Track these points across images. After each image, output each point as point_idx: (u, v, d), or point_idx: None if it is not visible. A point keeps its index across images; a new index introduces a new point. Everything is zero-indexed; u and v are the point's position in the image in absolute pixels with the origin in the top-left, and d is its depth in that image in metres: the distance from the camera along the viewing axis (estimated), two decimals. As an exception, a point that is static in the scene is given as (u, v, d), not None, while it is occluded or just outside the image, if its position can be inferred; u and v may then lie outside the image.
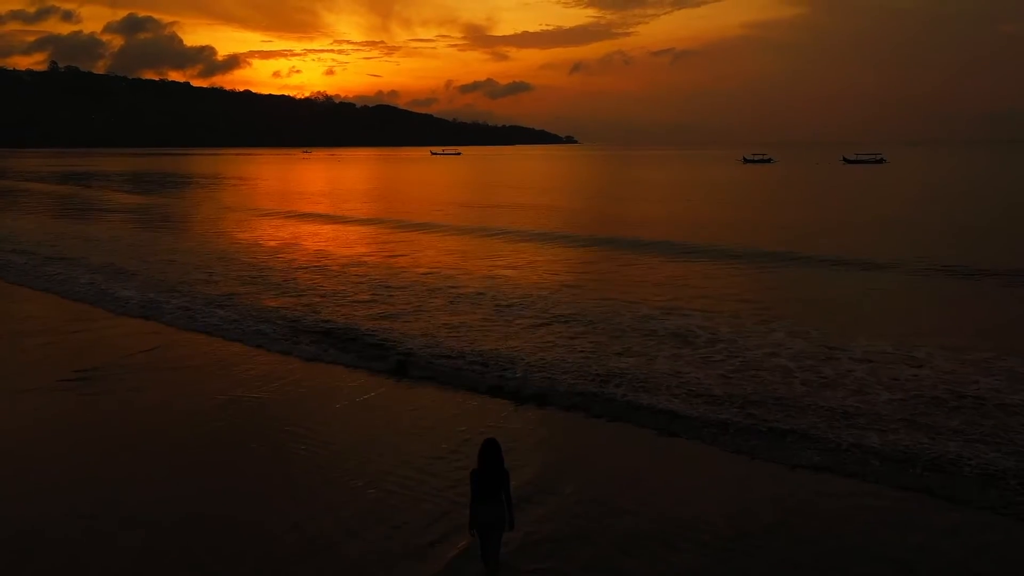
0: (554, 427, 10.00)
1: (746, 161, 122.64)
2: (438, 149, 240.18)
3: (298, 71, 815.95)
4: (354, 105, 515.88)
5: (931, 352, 12.92)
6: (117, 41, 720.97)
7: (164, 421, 10.31)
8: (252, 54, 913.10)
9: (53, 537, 7.22)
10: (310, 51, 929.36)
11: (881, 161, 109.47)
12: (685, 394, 10.98)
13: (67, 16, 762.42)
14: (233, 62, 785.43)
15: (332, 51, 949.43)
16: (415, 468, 8.66)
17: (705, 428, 9.71)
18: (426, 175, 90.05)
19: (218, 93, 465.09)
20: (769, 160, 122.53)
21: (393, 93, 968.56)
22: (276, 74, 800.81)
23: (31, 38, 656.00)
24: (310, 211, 38.08)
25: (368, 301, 17.51)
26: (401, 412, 10.64)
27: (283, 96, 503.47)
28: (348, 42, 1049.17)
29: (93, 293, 18.73)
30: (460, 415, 10.45)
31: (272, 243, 28.11)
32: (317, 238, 29.55)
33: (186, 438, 9.69)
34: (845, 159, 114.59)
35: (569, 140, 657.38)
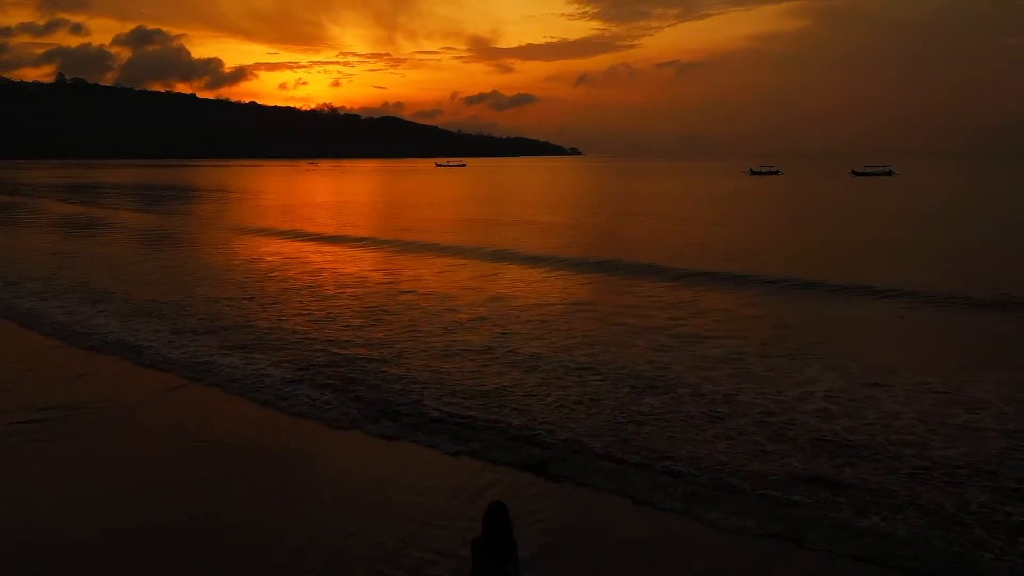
0: (563, 496, 8.56)
1: (753, 173, 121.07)
2: (443, 161, 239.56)
3: (304, 83, 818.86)
4: (359, 117, 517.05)
5: (986, 389, 11.51)
6: (125, 53, 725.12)
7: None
8: (258, 66, 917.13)
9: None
10: (316, 63, 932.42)
11: (890, 173, 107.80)
12: (716, 466, 9.57)
13: (76, 29, 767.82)
14: (240, 74, 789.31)
15: (338, 63, 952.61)
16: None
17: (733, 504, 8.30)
18: (430, 188, 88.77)
19: (224, 105, 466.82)
20: (776, 172, 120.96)
21: (399, 105, 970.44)
22: (283, 86, 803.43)
23: (40, 50, 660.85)
24: (315, 231, 35.49)
25: (381, 344, 14.40)
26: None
27: (288, 108, 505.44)
28: (353, 54, 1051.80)
29: (61, 323, 16.42)
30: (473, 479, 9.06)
31: (272, 264, 26.15)
32: (321, 259, 27.17)
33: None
34: (854, 172, 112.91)
35: (573, 152, 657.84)
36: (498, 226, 39.04)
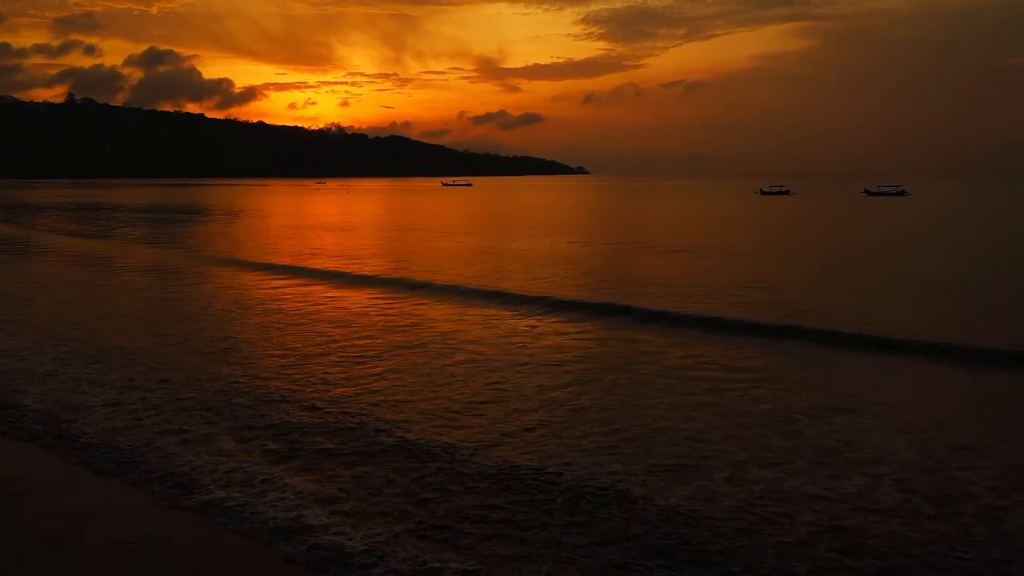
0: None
1: (763, 193, 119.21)
2: (449, 180, 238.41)
3: (313, 103, 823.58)
4: (366, 136, 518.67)
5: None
6: (137, 74, 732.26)
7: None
8: (267, 86, 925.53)
9: None
10: (324, 83, 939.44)
11: (902, 193, 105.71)
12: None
13: (89, 50, 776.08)
14: (250, 94, 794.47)
15: (346, 83, 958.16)
16: None
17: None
18: (435, 209, 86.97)
19: (232, 124, 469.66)
20: (787, 192, 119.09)
21: (407, 124, 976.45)
22: (292, 106, 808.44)
23: (53, 71, 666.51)
24: (315, 265, 30.12)
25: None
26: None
27: (296, 127, 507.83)
28: (361, 74, 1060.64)
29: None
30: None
31: (264, 316, 22.07)
32: (319, 302, 23.07)
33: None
34: (867, 191, 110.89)
35: (580, 171, 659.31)
36: (504, 258, 32.75)
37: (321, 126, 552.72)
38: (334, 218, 66.68)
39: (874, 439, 10.42)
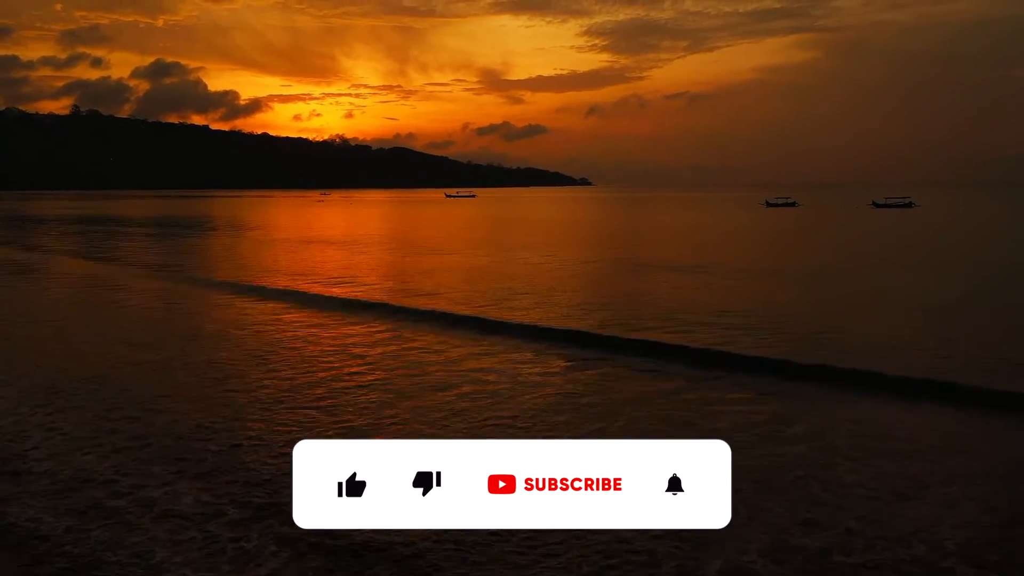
0: None
1: (768, 205, 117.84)
2: (452, 191, 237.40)
3: (318, 114, 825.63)
4: (369, 147, 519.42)
5: None
6: (143, 86, 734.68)
7: None
8: (272, 98, 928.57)
9: None
10: (328, 95, 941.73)
11: (910, 205, 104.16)
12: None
13: (97, 62, 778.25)
14: (255, 106, 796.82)
15: (350, 95, 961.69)
16: None
17: None
18: (438, 222, 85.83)
19: (237, 136, 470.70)
20: (793, 204, 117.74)
21: (411, 136, 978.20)
22: (297, 117, 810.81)
23: (60, 83, 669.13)
24: (308, 289, 26.52)
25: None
26: None
27: (300, 139, 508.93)
28: (365, 86, 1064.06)
29: None
30: None
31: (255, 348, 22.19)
32: (312, 338, 21.52)
33: None
34: (875, 203, 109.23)
35: (584, 182, 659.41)
36: (507, 279, 29.16)
37: (325, 137, 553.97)
38: (335, 231, 65.47)
39: (933, 490, 9.13)
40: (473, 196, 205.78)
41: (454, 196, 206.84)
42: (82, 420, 12.00)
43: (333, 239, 54.98)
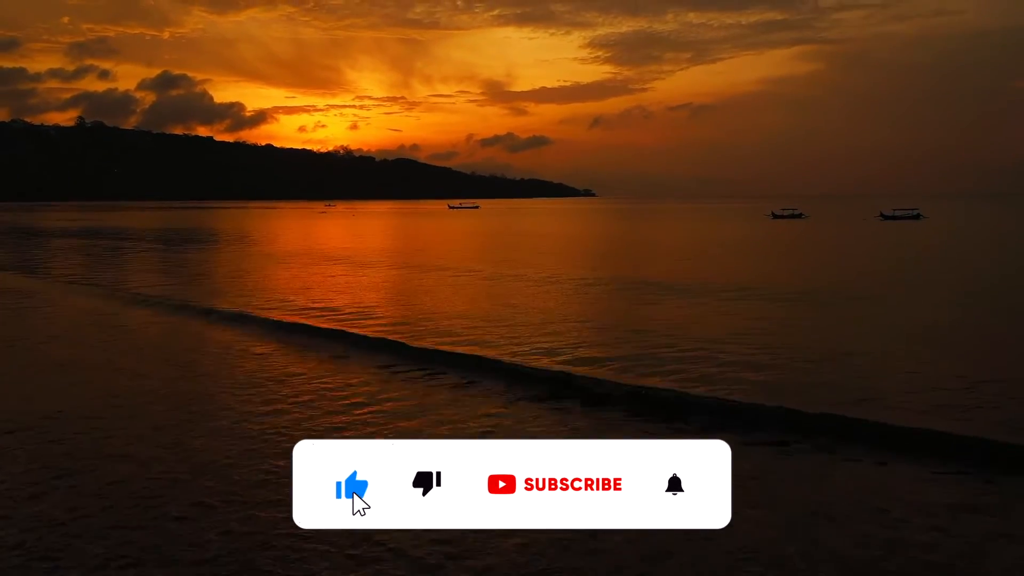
0: None
1: (775, 216, 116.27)
2: (455, 203, 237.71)
3: (323, 126, 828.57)
4: (373, 159, 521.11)
5: None
6: (150, 98, 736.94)
7: None
8: (277, 109, 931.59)
9: None
10: (332, 106, 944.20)
11: (918, 217, 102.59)
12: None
13: (104, 75, 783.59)
14: (260, 117, 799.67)
15: (354, 106, 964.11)
16: None
17: None
18: (441, 235, 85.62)
19: (241, 147, 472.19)
20: (800, 215, 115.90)
21: (415, 147, 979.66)
22: (302, 128, 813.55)
23: (67, 95, 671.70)
24: (298, 320, 19.98)
25: None
26: None
27: (304, 150, 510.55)
28: (369, 98, 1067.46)
29: None
30: None
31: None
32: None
33: None
34: (883, 215, 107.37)
35: (587, 193, 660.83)
36: (520, 314, 21.77)
37: (330, 148, 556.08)
38: (336, 245, 65.29)
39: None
40: (476, 207, 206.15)
41: (457, 207, 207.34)
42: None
43: (343, 255, 54.96)
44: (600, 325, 20.33)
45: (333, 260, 43.84)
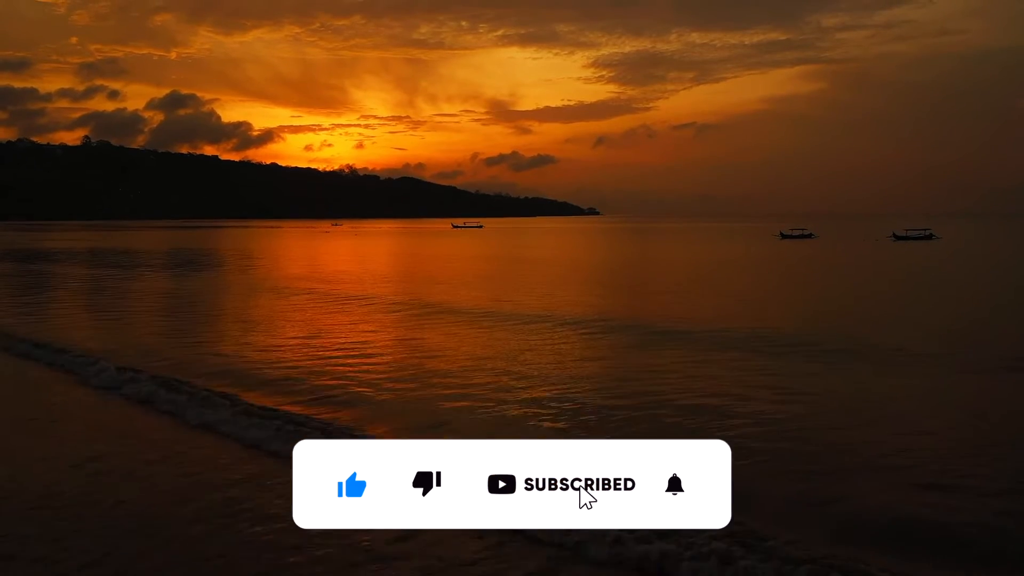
0: None
1: (784, 237, 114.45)
2: (459, 222, 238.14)
3: (329, 145, 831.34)
4: (378, 177, 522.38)
5: None
6: (158, 117, 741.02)
7: None
8: (283, 128, 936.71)
9: None
10: (338, 125, 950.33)
11: (930, 237, 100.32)
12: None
13: (113, 95, 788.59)
14: (267, 136, 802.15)
15: (359, 125, 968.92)
16: None
17: None
18: (445, 256, 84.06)
19: (246, 166, 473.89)
20: (810, 235, 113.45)
21: (420, 166, 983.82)
22: (308, 147, 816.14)
23: (76, 115, 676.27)
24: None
25: None
26: None
27: (309, 169, 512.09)
28: (375, 117, 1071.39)
29: None
30: None
31: None
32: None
33: None
34: (895, 236, 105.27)
35: (591, 212, 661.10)
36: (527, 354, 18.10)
37: (335, 167, 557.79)
38: (337, 268, 64.66)
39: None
40: (480, 227, 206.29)
41: (461, 227, 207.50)
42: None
43: (344, 278, 54.65)
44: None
45: (317, 295, 34.44)
